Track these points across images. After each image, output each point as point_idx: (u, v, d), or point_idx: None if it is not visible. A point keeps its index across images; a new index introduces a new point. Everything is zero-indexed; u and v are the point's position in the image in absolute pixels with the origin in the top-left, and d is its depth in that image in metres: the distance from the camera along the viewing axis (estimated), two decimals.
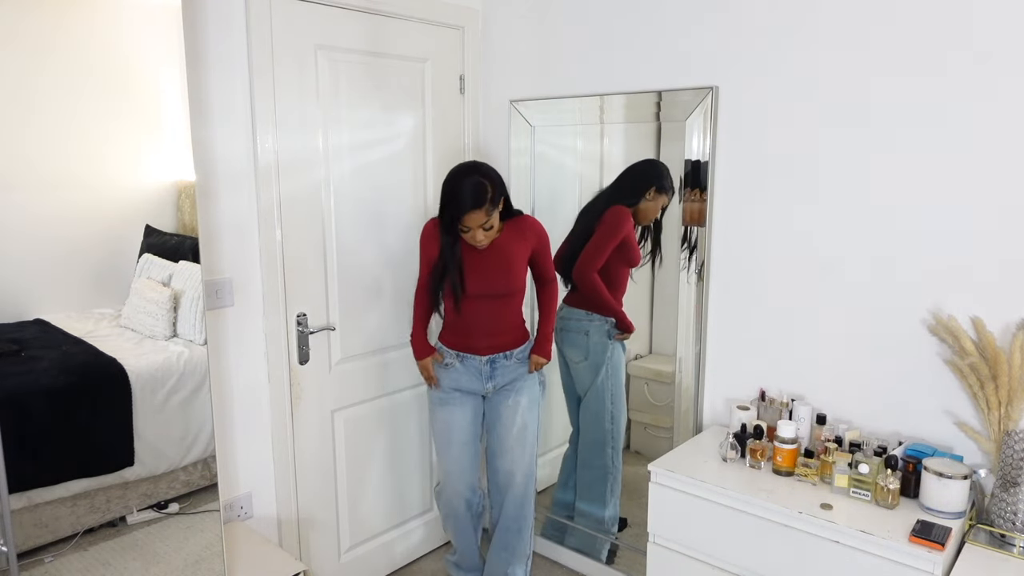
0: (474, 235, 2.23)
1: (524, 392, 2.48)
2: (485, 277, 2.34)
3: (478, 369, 2.43)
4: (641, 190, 2.59)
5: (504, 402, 2.47)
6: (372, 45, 2.53)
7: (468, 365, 2.44)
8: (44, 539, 1.82)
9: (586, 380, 2.77)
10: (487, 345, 2.42)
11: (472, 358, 2.43)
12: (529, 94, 2.78)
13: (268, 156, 2.29)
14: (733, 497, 1.96)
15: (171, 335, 2.03)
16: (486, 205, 2.18)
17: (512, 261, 2.36)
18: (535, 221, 2.45)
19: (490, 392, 2.48)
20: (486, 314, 2.39)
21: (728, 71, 2.26)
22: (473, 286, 2.34)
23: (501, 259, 2.35)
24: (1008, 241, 1.84)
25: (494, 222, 2.23)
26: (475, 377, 2.45)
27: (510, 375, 2.46)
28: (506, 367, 2.45)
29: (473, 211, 2.17)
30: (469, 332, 2.42)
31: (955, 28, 1.86)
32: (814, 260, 2.17)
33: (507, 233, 2.36)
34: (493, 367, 2.44)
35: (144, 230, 1.96)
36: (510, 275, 2.36)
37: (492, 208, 2.20)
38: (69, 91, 1.77)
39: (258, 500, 2.42)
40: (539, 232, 2.44)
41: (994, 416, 1.84)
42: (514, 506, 2.52)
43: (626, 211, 2.59)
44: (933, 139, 1.92)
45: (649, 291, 2.69)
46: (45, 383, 1.78)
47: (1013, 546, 1.75)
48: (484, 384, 2.45)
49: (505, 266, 2.35)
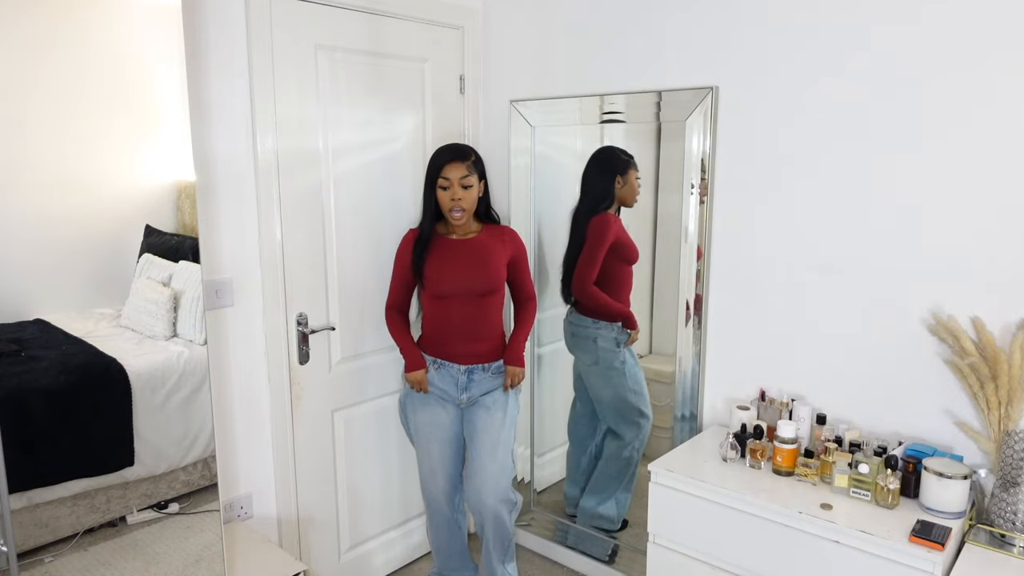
0: (453, 191, 2.30)
1: (499, 407, 2.46)
2: (461, 273, 2.36)
3: (454, 378, 2.43)
4: (608, 190, 2.59)
5: (479, 416, 2.46)
6: (372, 45, 2.53)
7: (444, 373, 2.43)
8: (44, 539, 1.82)
9: (598, 384, 2.76)
10: (465, 352, 2.41)
11: (449, 366, 2.43)
12: (529, 94, 2.78)
13: (268, 156, 2.29)
14: (733, 497, 1.96)
15: (171, 335, 2.03)
16: (467, 161, 2.32)
17: (489, 257, 2.39)
18: (514, 231, 2.50)
19: (464, 403, 2.47)
20: (463, 317, 2.38)
21: (728, 71, 2.26)
22: (448, 282, 2.35)
23: (477, 255, 2.38)
24: (1008, 241, 1.84)
25: (473, 184, 2.32)
26: (451, 385, 2.44)
27: (486, 387, 2.46)
28: (483, 379, 2.44)
29: (455, 161, 2.30)
30: (446, 337, 2.41)
31: (955, 28, 1.86)
32: (814, 260, 2.17)
33: (485, 234, 2.43)
34: (470, 378, 2.43)
35: (144, 230, 1.96)
36: (487, 270, 2.37)
37: (473, 169, 2.32)
38: (69, 91, 1.76)
39: (258, 500, 2.42)
40: (517, 242, 2.48)
41: (994, 416, 1.84)
42: (491, 530, 2.51)
43: (607, 217, 2.58)
44: (933, 139, 1.92)
45: (649, 291, 2.69)
46: (45, 383, 1.78)
47: (1013, 546, 1.75)
48: (459, 394, 2.44)
49: (482, 262, 2.37)
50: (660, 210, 2.59)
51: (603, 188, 2.61)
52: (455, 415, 2.49)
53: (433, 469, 2.53)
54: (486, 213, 2.47)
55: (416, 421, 2.52)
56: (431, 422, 2.48)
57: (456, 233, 2.42)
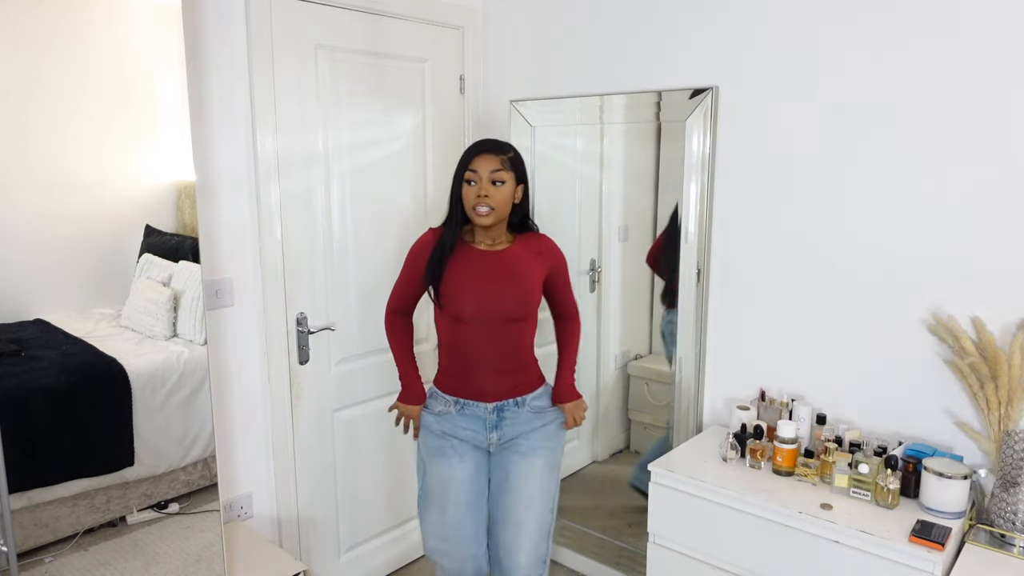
0: (481, 186, 1.90)
1: (540, 452, 2.03)
2: (487, 292, 1.95)
3: (481, 419, 2.02)
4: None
5: (514, 461, 2.03)
6: (372, 45, 2.53)
7: (469, 414, 2.02)
8: (44, 539, 1.82)
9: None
10: (495, 388, 1.99)
11: (475, 406, 2.01)
12: (529, 94, 2.78)
13: (268, 156, 2.29)
14: (733, 497, 1.96)
15: (171, 335, 2.03)
16: (503, 155, 1.94)
17: (522, 274, 1.98)
18: (551, 240, 2.10)
19: (494, 444, 2.04)
20: (490, 345, 1.97)
21: (728, 71, 2.26)
22: (471, 303, 1.94)
23: (508, 270, 1.97)
24: (1008, 241, 1.84)
25: (507, 182, 1.92)
26: (477, 427, 2.02)
27: (521, 427, 2.03)
28: (516, 416, 2.02)
29: (487, 154, 1.93)
30: (471, 371, 1.99)
31: (955, 28, 1.86)
32: (814, 260, 2.17)
33: (518, 246, 2.03)
34: (501, 416, 2.01)
35: (144, 230, 1.96)
36: (519, 289, 1.96)
37: (508, 166, 1.93)
38: (69, 91, 1.77)
39: (258, 500, 2.42)
40: (555, 252, 2.09)
41: (994, 416, 1.84)
42: None
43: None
44: (933, 139, 1.92)
45: (649, 291, 2.69)
46: (45, 383, 1.78)
47: (1013, 546, 1.75)
48: (487, 434, 2.02)
49: (513, 279, 1.97)
50: (660, 210, 2.60)
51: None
52: (479, 464, 2.06)
53: (449, 537, 2.07)
54: (521, 223, 2.05)
55: (425, 473, 2.11)
56: (443, 476, 2.05)
57: (484, 243, 2.00)
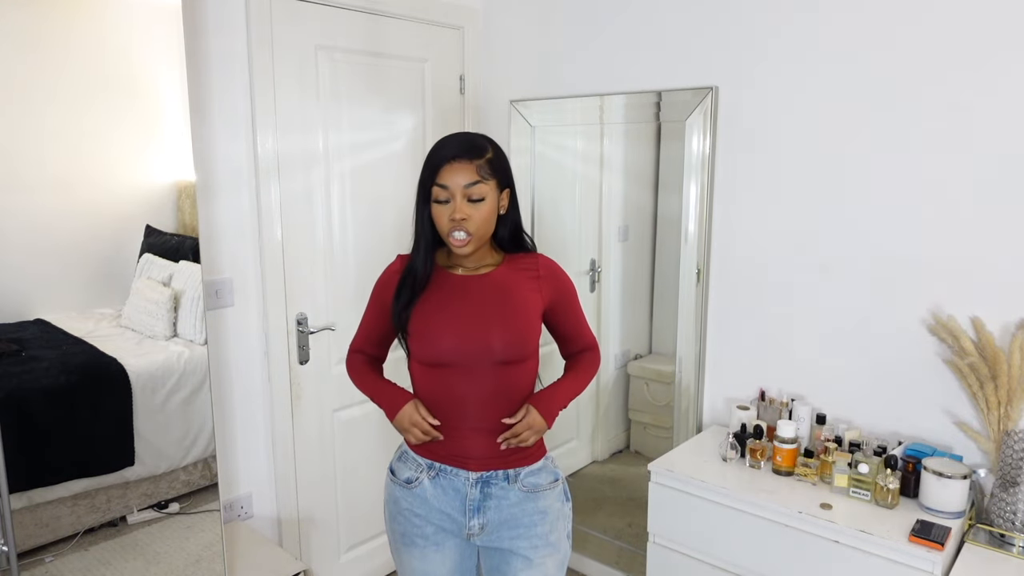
0: (454, 206, 1.46)
1: (543, 550, 1.56)
2: (469, 328, 1.51)
3: (460, 493, 1.54)
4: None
5: (513, 567, 1.57)
6: (372, 45, 2.53)
7: (445, 485, 1.55)
8: (44, 539, 1.82)
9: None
10: (481, 452, 1.53)
11: (453, 474, 1.54)
12: (529, 94, 2.78)
13: (268, 156, 2.29)
14: (733, 497, 1.96)
15: (171, 335, 2.03)
16: (479, 160, 1.47)
17: (516, 303, 1.54)
18: (550, 260, 1.64)
19: (476, 533, 1.56)
20: (476, 396, 1.51)
21: (728, 71, 2.27)
22: (448, 343, 1.50)
23: (499, 299, 1.54)
24: (1008, 241, 1.84)
25: (487, 196, 1.48)
26: (454, 506, 1.55)
27: (510, 511, 1.55)
28: (504, 497, 1.54)
29: (458, 160, 1.46)
30: (451, 428, 1.54)
31: (954, 28, 1.86)
32: (814, 260, 2.17)
33: (509, 266, 1.59)
34: (485, 493, 1.54)
35: (144, 230, 1.96)
36: (514, 323, 1.52)
37: (487, 173, 1.48)
38: (69, 91, 1.77)
39: (258, 500, 2.42)
40: (558, 275, 1.63)
41: (993, 416, 1.84)
42: None
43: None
44: (933, 139, 1.92)
45: (649, 291, 2.69)
46: (45, 383, 1.78)
47: (1012, 546, 1.75)
48: (467, 520, 1.55)
49: (505, 310, 1.53)
50: (660, 210, 2.60)
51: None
52: (463, 554, 1.62)
53: None
54: (512, 239, 1.61)
55: (401, 562, 1.65)
56: (421, 573, 1.61)
57: (463, 267, 1.58)
